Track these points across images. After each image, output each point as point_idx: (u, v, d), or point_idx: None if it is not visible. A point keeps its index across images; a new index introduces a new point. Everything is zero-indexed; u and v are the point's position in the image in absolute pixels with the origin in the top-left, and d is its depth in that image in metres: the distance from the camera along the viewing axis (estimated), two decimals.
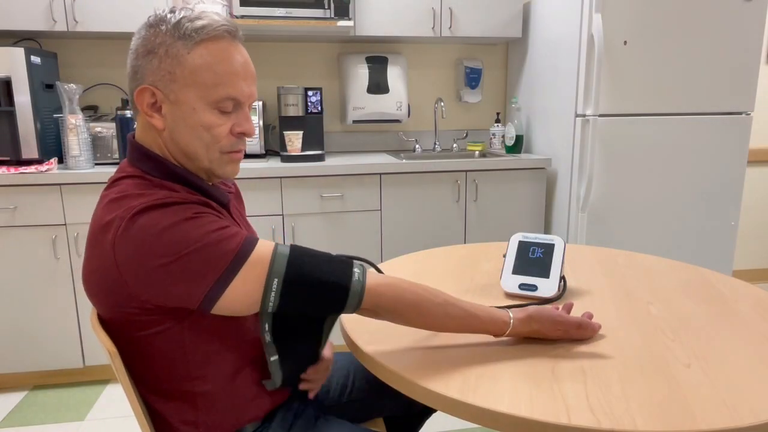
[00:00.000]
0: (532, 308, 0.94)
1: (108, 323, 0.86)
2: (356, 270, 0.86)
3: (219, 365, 0.89)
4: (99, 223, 0.82)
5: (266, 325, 0.87)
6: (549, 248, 1.19)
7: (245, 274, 0.79)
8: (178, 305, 0.80)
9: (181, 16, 0.85)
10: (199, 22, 0.84)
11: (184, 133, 0.87)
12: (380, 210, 2.41)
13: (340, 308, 0.85)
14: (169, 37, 0.84)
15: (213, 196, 0.92)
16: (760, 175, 3.32)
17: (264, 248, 0.82)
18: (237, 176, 2.23)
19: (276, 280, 0.80)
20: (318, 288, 0.82)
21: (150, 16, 0.87)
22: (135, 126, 0.94)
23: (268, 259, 0.81)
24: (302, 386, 1.02)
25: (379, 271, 0.98)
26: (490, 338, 0.96)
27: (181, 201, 0.82)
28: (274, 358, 0.90)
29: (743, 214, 3.35)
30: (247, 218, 1.17)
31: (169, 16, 0.85)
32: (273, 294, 0.81)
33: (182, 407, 0.89)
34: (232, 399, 0.91)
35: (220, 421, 0.91)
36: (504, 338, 0.96)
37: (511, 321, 0.92)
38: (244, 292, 0.80)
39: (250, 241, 0.81)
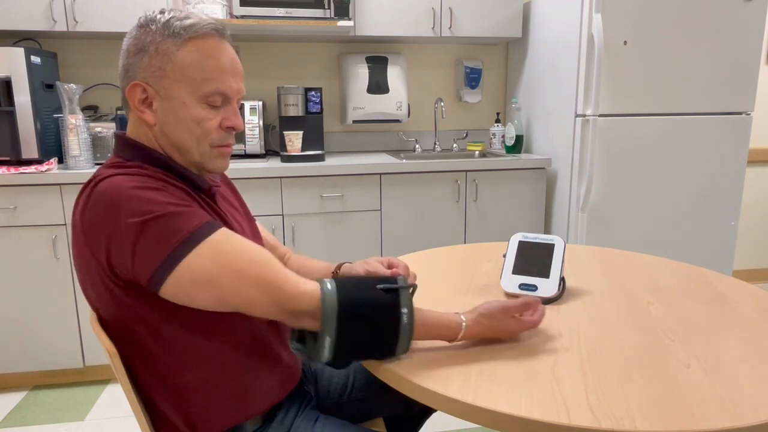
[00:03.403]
0: (482, 306, 0.92)
1: (106, 322, 0.87)
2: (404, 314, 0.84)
3: (217, 361, 0.89)
4: (75, 205, 0.86)
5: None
6: (549, 248, 1.19)
7: (200, 255, 0.78)
8: (135, 277, 0.80)
9: (170, 16, 0.88)
10: (188, 21, 0.88)
11: (175, 127, 0.89)
12: (380, 210, 2.41)
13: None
14: (158, 35, 0.87)
15: (191, 180, 0.93)
16: (760, 175, 3.32)
17: (221, 237, 0.81)
18: (238, 176, 2.23)
19: (328, 338, 0.81)
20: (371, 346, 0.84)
21: (140, 18, 0.90)
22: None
23: (223, 248, 0.80)
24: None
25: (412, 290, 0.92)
26: (491, 338, 0.96)
27: (148, 175, 0.85)
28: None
29: (743, 214, 3.35)
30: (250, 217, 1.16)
31: (158, 16, 0.89)
32: (326, 351, 0.82)
33: (182, 404, 0.89)
34: (231, 395, 0.91)
35: (220, 417, 0.91)
36: (459, 342, 0.93)
37: (464, 324, 0.90)
38: (196, 277, 0.78)
39: (211, 226, 0.82)
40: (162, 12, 0.89)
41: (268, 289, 0.80)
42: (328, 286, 0.83)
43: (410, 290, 0.87)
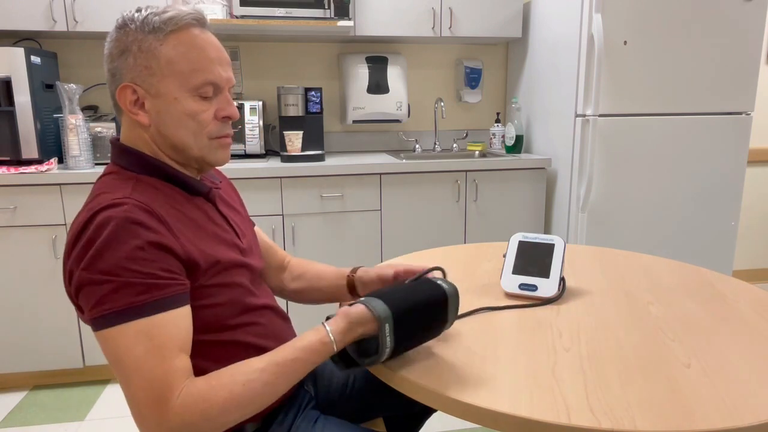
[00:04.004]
0: (353, 312, 0.83)
1: None
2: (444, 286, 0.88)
3: (216, 362, 0.89)
4: (72, 222, 0.86)
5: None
6: (549, 248, 1.19)
7: (120, 332, 0.75)
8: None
9: (147, 12, 0.87)
10: (166, 15, 0.86)
11: (171, 125, 0.88)
12: (380, 210, 2.41)
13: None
14: (139, 33, 0.86)
15: (190, 186, 0.93)
16: (760, 175, 3.32)
17: (153, 321, 0.76)
18: (238, 176, 2.23)
19: (387, 325, 0.81)
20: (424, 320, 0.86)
21: (117, 19, 0.89)
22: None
23: (150, 332, 0.75)
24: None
25: (444, 274, 0.97)
26: (491, 338, 0.96)
27: (140, 205, 0.81)
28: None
29: (743, 214, 3.35)
30: (246, 215, 1.16)
31: (135, 15, 0.87)
32: (389, 339, 0.81)
33: None
34: None
35: None
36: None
37: (332, 339, 0.81)
38: (110, 348, 0.75)
39: (155, 305, 0.77)
40: (138, 10, 0.87)
41: (153, 382, 0.73)
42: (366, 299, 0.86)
43: (436, 271, 0.93)
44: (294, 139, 2.40)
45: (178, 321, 0.79)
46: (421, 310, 0.84)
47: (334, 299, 1.16)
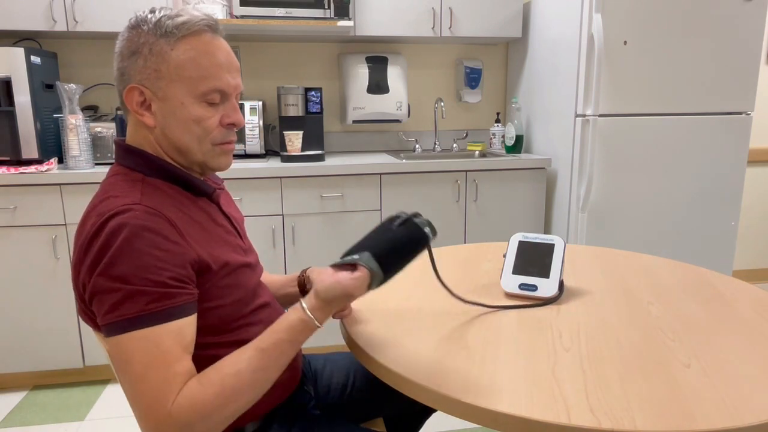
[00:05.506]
0: (319, 289, 0.83)
1: None
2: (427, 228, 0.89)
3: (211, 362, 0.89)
4: (80, 223, 0.85)
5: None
6: (549, 248, 1.19)
7: (132, 338, 0.76)
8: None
9: (161, 15, 0.87)
10: (179, 19, 0.86)
11: (175, 129, 0.88)
12: (380, 210, 2.41)
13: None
14: (151, 35, 0.86)
15: (194, 186, 0.93)
16: (760, 175, 3.32)
17: (178, 328, 0.78)
18: (238, 176, 2.23)
19: (377, 282, 0.84)
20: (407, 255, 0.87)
21: (131, 18, 0.89)
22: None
23: (157, 339, 0.76)
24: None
25: (433, 230, 0.92)
26: (491, 338, 0.96)
27: (149, 208, 0.82)
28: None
29: (743, 214, 3.35)
30: (243, 215, 1.17)
31: (149, 16, 0.87)
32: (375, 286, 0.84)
33: None
34: None
35: None
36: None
37: (310, 315, 0.83)
38: (119, 353, 0.76)
39: (177, 311, 0.78)
40: (152, 11, 0.88)
41: (155, 389, 0.75)
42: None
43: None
44: (294, 139, 2.40)
45: (185, 329, 0.80)
46: (406, 254, 0.87)
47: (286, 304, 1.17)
